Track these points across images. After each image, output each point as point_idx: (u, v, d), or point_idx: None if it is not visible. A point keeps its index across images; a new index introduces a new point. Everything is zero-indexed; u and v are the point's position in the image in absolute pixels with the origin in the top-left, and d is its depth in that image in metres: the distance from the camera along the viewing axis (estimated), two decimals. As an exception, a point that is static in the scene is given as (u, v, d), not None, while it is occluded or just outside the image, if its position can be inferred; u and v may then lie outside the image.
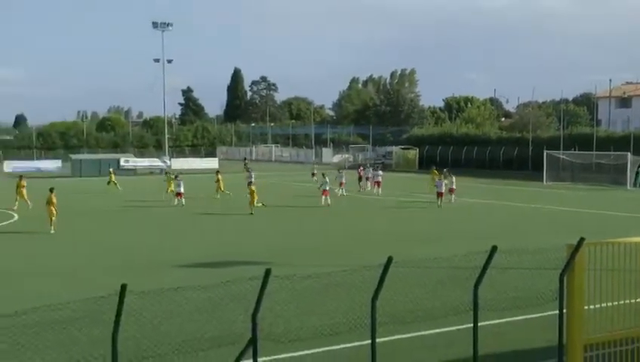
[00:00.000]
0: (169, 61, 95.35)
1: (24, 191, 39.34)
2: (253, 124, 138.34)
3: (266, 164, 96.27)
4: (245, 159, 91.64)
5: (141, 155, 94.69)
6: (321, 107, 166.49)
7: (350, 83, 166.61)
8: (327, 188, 41.14)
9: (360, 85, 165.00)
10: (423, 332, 14.14)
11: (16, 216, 36.13)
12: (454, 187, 43.54)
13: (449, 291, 16.69)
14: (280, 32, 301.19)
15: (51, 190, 31.18)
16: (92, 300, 9.68)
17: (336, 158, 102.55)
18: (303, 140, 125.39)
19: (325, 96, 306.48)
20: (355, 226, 32.86)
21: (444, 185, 41.03)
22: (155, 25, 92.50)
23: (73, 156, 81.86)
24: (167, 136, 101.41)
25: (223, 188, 46.00)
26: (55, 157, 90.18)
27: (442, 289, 17.13)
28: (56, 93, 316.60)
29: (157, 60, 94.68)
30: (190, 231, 31.19)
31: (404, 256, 15.98)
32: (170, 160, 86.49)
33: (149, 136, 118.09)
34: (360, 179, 54.75)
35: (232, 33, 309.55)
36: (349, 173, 56.61)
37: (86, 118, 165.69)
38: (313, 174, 47.14)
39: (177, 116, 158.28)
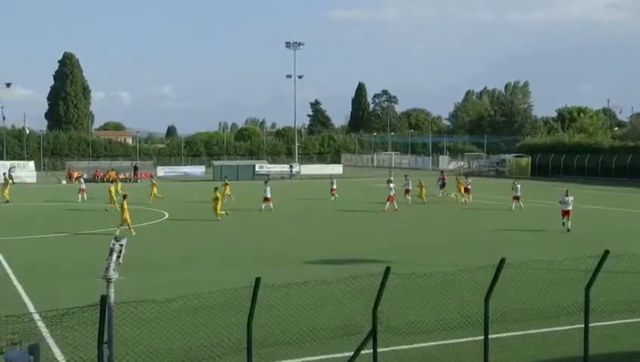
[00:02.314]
0: (300, 77, 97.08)
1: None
2: (375, 134, 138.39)
3: (384, 170, 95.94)
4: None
5: (274, 162, 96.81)
6: (438, 117, 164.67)
7: (466, 95, 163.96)
8: (393, 193, 40.12)
9: (475, 97, 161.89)
10: (533, 331, 13.67)
11: (166, 215, 37.76)
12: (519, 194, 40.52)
13: (560, 292, 16.06)
14: (400, 48, 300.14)
15: (216, 189, 36.43)
16: (230, 291, 9.97)
17: (452, 165, 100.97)
18: (420, 148, 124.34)
19: (442, 108, 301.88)
20: (461, 228, 32.17)
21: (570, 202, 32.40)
22: (287, 44, 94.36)
23: (215, 162, 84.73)
24: (297, 144, 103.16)
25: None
26: (199, 164, 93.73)
27: (553, 290, 16.51)
28: (201, 107, 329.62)
29: (289, 76, 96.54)
30: (313, 231, 31.55)
31: (513, 259, 15.54)
32: (299, 166, 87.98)
33: (281, 144, 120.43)
34: (443, 185, 51.59)
35: (357, 50, 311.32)
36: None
37: (226, 128, 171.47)
38: (389, 181, 46.31)
39: (306, 126, 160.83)
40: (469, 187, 46.17)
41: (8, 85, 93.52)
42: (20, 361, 6.61)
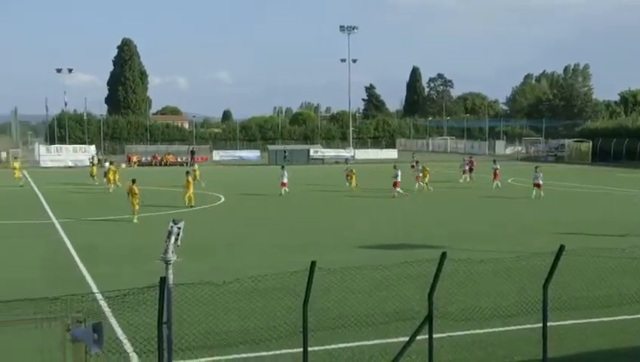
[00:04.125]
0: (354, 61, 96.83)
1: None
2: (430, 118, 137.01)
3: (440, 155, 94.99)
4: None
5: (328, 146, 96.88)
6: (495, 102, 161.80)
7: (524, 78, 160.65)
8: (399, 180, 39.80)
9: (533, 80, 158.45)
10: (594, 320, 13.38)
11: (222, 198, 38.25)
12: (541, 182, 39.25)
13: (623, 280, 15.69)
14: (455, 32, 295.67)
15: (187, 173, 35.23)
16: (286, 274, 10.06)
17: (509, 150, 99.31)
18: (477, 133, 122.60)
19: (499, 92, 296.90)
20: (518, 215, 31.65)
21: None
22: (342, 28, 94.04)
23: (270, 147, 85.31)
24: (351, 129, 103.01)
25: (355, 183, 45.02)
26: (254, 148, 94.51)
27: (615, 278, 16.12)
28: (257, 92, 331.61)
29: (343, 60, 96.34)
30: (367, 215, 31.50)
31: (574, 246, 15.23)
32: (353, 151, 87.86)
33: (336, 129, 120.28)
34: (471, 170, 50.81)
35: (412, 34, 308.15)
36: (524, 164, 54.42)
37: (281, 113, 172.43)
38: (413, 166, 46.05)
39: (361, 111, 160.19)
40: (498, 172, 45.85)
41: (70, 71, 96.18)
42: (85, 338, 6.80)
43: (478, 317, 12.45)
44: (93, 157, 53.06)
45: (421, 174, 44.17)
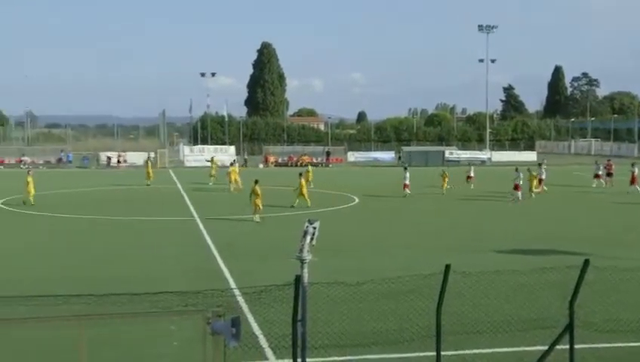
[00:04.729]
0: (492, 61, 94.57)
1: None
2: (572, 119, 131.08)
3: (583, 158, 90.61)
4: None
5: (464, 148, 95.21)
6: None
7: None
8: (520, 182, 38.12)
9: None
10: None
11: (357, 199, 38.52)
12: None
13: None
14: (602, 27, 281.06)
15: (300, 175, 35.87)
16: (420, 276, 9.99)
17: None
18: (625, 135, 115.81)
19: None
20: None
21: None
22: (480, 28, 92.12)
23: (404, 148, 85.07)
24: (488, 130, 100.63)
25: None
26: (389, 149, 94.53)
27: None
28: (391, 92, 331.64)
29: (481, 60, 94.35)
30: (500, 220, 30.60)
31: None
32: (490, 153, 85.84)
33: (472, 130, 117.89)
34: (609, 174, 47.13)
35: (554, 31, 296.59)
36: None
37: (416, 114, 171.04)
38: (540, 164, 44.88)
39: (498, 112, 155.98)
40: (543, 177, 42.60)
41: (213, 75, 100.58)
42: (225, 332, 7.09)
43: (624, 329, 11.78)
44: (212, 158, 55.33)
45: (544, 177, 43.05)
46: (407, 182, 40.06)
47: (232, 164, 47.64)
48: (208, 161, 56.00)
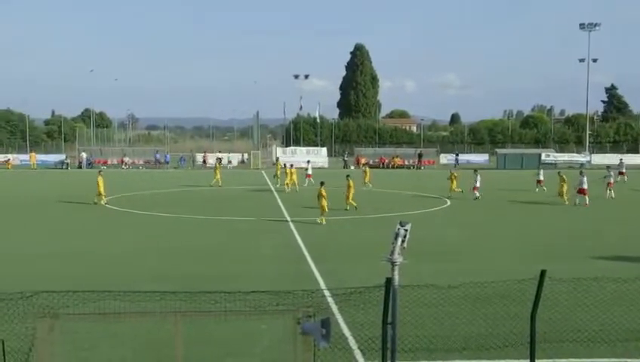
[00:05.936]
0: (594, 60, 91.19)
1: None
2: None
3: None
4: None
5: (561, 151, 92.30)
6: None
7: None
8: (585, 186, 36.75)
9: None
10: None
11: (448, 202, 38.04)
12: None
13: None
14: None
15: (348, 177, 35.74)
16: (512, 282, 9.78)
17: None
18: None
19: None
20: None
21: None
22: (582, 26, 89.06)
23: (499, 151, 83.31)
24: (588, 132, 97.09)
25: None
26: (483, 152, 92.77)
27: None
28: (485, 94, 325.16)
29: (582, 60, 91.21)
30: (601, 224, 29.42)
31: None
32: (589, 156, 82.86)
33: (570, 132, 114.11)
34: None
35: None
36: None
37: (511, 116, 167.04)
38: (621, 173, 42.66)
39: (599, 113, 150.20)
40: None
41: (307, 77, 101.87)
42: (315, 332, 7.17)
43: None
44: (278, 159, 55.89)
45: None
46: (478, 184, 40.27)
47: (291, 166, 48.47)
48: (277, 163, 57.20)
